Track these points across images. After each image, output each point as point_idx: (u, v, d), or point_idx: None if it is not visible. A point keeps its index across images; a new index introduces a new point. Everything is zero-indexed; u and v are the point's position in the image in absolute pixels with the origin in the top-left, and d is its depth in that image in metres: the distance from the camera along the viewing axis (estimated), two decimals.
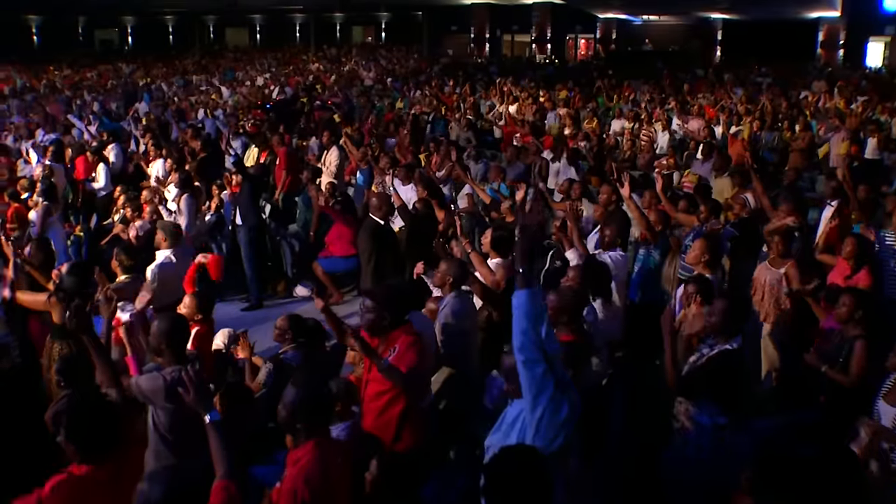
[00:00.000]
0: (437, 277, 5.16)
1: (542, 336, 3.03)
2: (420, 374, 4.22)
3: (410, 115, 16.62)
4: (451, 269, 5.02)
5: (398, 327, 4.18)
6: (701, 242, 6.18)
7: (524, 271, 3.06)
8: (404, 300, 4.27)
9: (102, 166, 11.13)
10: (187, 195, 8.88)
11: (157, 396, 3.94)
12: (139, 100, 22.02)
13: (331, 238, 9.20)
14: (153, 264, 6.41)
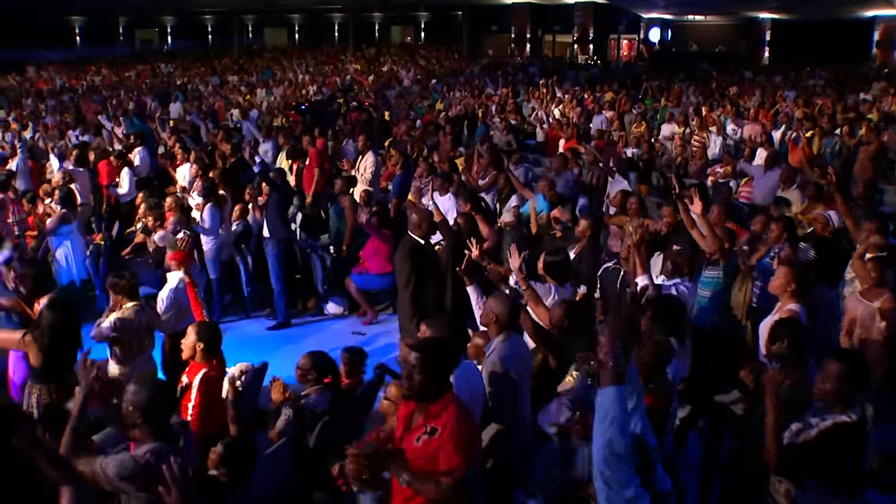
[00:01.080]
0: (483, 315, 4.41)
1: (636, 432, 2.30)
2: (474, 459, 3.43)
3: (450, 117, 15.94)
4: (500, 308, 4.27)
5: (442, 395, 3.36)
6: (787, 270, 5.37)
7: (613, 366, 2.32)
8: (452, 359, 3.46)
9: (126, 171, 10.60)
10: (210, 205, 8.27)
11: (127, 485, 3.17)
12: (173, 100, 21.65)
13: (366, 253, 8.53)
14: (166, 288, 5.77)
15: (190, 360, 4.63)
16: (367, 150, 10.59)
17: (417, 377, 3.29)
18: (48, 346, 4.83)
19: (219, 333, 4.80)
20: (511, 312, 4.28)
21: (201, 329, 4.61)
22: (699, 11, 39.54)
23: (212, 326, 4.82)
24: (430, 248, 6.27)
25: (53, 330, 4.85)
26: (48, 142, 15.06)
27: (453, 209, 8.52)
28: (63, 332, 4.90)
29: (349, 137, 13.61)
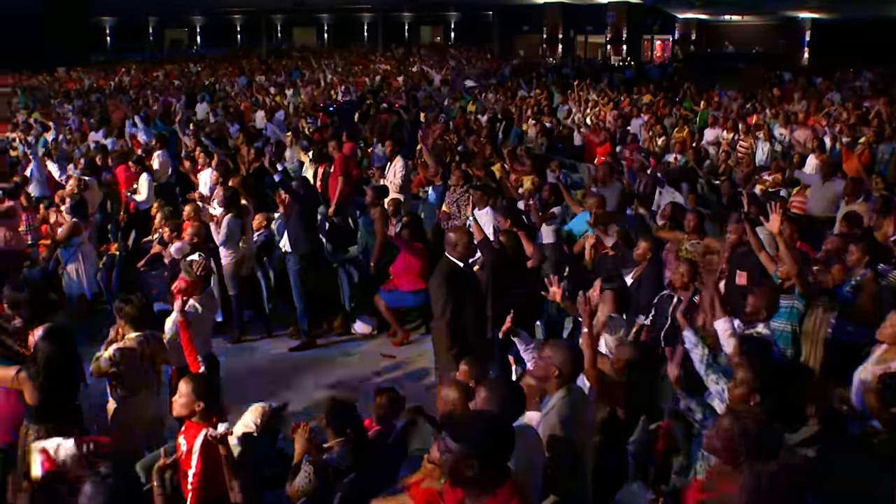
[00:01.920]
0: (538, 367, 3.71)
1: None
2: None
3: (486, 120, 15.29)
4: (562, 359, 3.59)
5: (500, 486, 2.65)
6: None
7: None
8: (509, 442, 2.75)
9: (145, 177, 10.06)
10: (230, 216, 7.70)
11: None
12: (199, 100, 21.21)
13: (396, 269, 7.91)
14: (174, 314, 5.16)
15: (185, 420, 4.00)
16: (395, 156, 9.96)
17: (467, 471, 2.63)
18: (45, 384, 4.30)
19: (218, 390, 4.19)
20: (575, 363, 3.60)
21: (199, 385, 3.92)
22: (736, 11, 38.53)
23: (210, 381, 4.15)
24: (470, 270, 5.61)
25: (50, 365, 4.32)
26: (70, 144, 14.69)
27: (490, 223, 7.88)
28: (61, 366, 4.37)
29: (378, 141, 13.00)
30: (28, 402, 4.33)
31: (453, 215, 8.69)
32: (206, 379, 4.22)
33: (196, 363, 4.83)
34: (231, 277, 7.82)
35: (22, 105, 20.91)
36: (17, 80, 28.30)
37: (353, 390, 6.97)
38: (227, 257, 7.77)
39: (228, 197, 7.75)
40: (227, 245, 7.72)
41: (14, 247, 8.64)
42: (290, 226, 7.65)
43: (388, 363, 7.67)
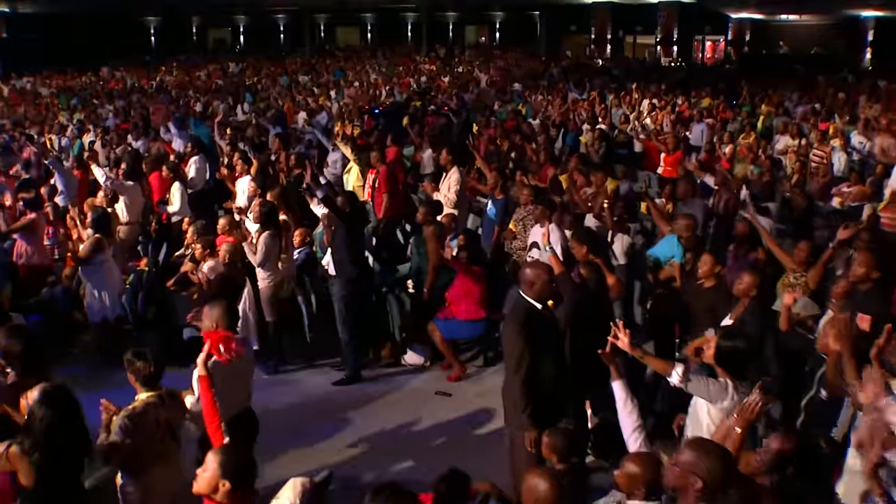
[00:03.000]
0: (673, 474, 2.80)
1: None
2: None
3: (539, 124, 14.36)
4: (707, 467, 2.61)
5: None
6: None
7: None
8: None
9: (178, 186, 9.35)
10: (267, 234, 6.91)
11: None
12: (241, 100, 20.60)
13: (453, 296, 7.06)
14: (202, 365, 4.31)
15: (205, 499, 3.22)
16: (451, 166, 9.08)
17: None
18: (42, 461, 3.53)
19: (251, 465, 3.35)
20: (726, 474, 2.66)
21: (227, 460, 3.16)
22: (794, 10, 36.93)
23: (241, 456, 3.31)
24: (550, 314, 4.72)
25: (49, 437, 3.54)
26: (106, 147, 14.10)
27: (558, 244, 6.99)
28: (61, 438, 3.60)
29: (428, 146, 12.15)
30: (22, 484, 3.56)
31: (518, 235, 7.81)
32: (237, 453, 3.40)
33: (219, 434, 3.97)
34: (268, 302, 7.04)
35: (63, 106, 20.43)
36: (63, 80, 28.07)
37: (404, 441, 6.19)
38: (264, 279, 6.99)
39: (266, 213, 6.96)
40: (264, 266, 6.94)
41: (36, 263, 8.01)
42: (334, 248, 6.83)
43: (442, 402, 6.81)
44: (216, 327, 4.47)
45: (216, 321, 4.49)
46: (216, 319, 4.49)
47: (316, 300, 7.44)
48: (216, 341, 4.31)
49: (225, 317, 4.49)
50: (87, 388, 6.98)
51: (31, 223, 7.87)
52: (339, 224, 6.79)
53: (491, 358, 7.55)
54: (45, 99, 22.79)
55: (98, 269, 7.16)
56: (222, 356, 4.25)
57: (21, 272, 7.96)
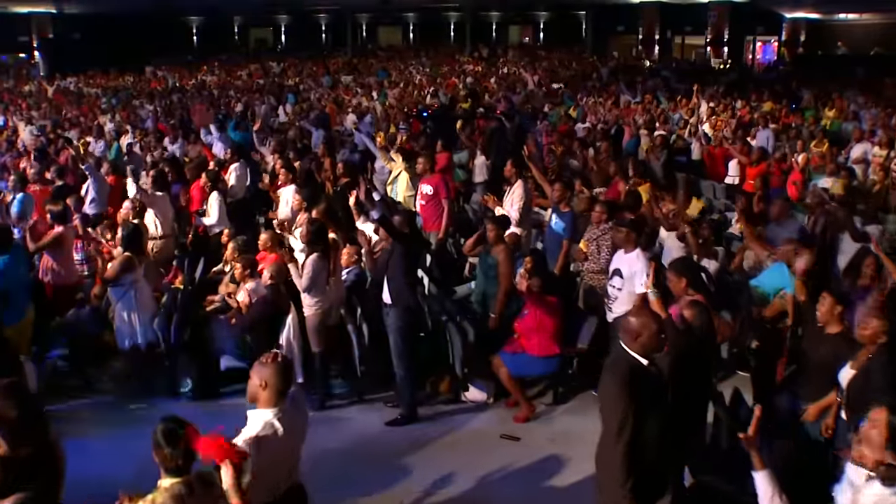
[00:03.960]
0: None
1: None
2: None
3: (598, 129, 13.50)
4: None
5: None
6: None
7: None
8: None
9: (215, 196, 8.67)
10: (315, 256, 6.17)
11: None
12: (283, 101, 20.01)
13: (524, 328, 6.26)
14: (246, 433, 3.49)
15: None
16: (516, 178, 8.27)
17: None
18: None
19: None
20: None
21: None
22: (855, 9, 35.35)
23: None
24: (657, 372, 3.91)
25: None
26: (144, 150, 13.55)
27: (641, 273, 6.17)
28: None
29: (482, 152, 11.38)
30: None
31: (591, 256, 6.99)
32: None
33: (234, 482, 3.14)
34: (315, 331, 6.31)
35: (107, 107, 20.00)
36: (106, 80, 27.84)
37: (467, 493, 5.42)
38: (311, 307, 6.26)
39: (314, 232, 6.22)
40: (311, 291, 6.21)
41: (64, 281, 7.38)
42: (391, 273, 6.06)
43: (509, 448, 6.03)
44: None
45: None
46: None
47: (368, 329, 6.66)
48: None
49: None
50: (111, 425, 6.46)
51: (58, 238, 7.23)
52: (397, 247, 6.03)
53: (562, 394, 6.76)
54: (87, 99, 22.47)
55: (128, 291, 6.49)
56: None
57: (48, 291, 7.34)
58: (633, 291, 6.25)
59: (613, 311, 6.46)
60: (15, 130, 15.81)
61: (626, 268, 6.31)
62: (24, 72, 32.31)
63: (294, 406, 3.62)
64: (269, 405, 3.48)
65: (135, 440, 5.85)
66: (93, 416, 6.57)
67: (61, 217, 7.31)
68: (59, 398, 6.70)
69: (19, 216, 8.79)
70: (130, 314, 6.52)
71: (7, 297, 6.11)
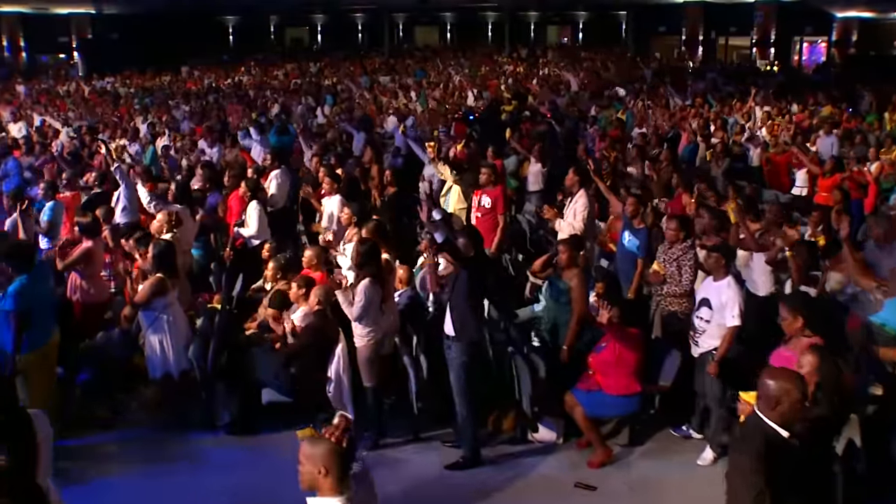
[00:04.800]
0: None
1: None
2: None
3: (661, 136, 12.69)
4: None
5: None
6: None
7: None
8: None
9: (255, 206, 8.02)
10: (368, 282, 5.50)
11: None
12: (321, 102, 19.43)
13: (600, 363, 5.57)
14: None
15: None
16: (578, 188, 7.55)
17: None
18: None
19: None
20: None
21: None
22: None
23: None
24: (797, 445, 3.18)
25: None
26: (180, 153, 13.04)
27: (734, 303, 5.46)
28: None
29: (537, 159, 10.64)
30: None
31: (670, 279, 6.26)
32: None
33: None
34: (367, 364, 5.66)
35: (140, 107, 19.51)
36: (142, 80, 27.51)
37: None
38: (363, 337, 5.61)
39: (365, 254, 5.54)
40: (364, 321, 5.55)
41: (93, 299, 6.81)
42: (454, 302, 5.38)
43: (586, 498, 5.33)
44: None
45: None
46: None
47: (427, 361, 5.96)
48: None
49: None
50: (140, 462, 5.83)
51: (87, 254, 6.66)
52: (462, 273, 5.35)
53: (637, 432, 6.04)
54: (124, 99, 22.09)
55: (160, 315, 5.88)
56: None
57: (76, 310, 6.78)
58: (723, 324, 5.63)
59: (700, 346, 5.81)
60: (52, 133, 15.32)
61: (716, 297, 5.63)
62: (63, 72, 32.21)
63: (363, 488, 2.96)
64: (334, 493, 2.82)
65: (166, 479, 5.31)
66: (121, 452, 6.03)
67: (90, 230, 6.74)
68: (84, 429, 6.16)
69: (50, 225, 8.27)
70: (162, 341, 5.91)
71: (29, 319, 5.54)
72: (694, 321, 5.82)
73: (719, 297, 5.58)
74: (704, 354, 5.77)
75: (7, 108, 19.54)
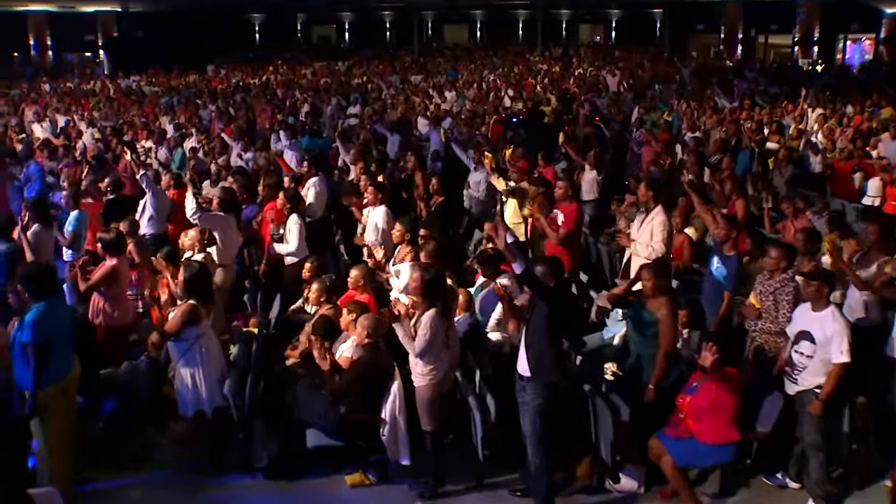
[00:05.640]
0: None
1: None
2: None
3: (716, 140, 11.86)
4: None
5: None
6: None
7: None
8: None
9: (294, 220, 7.28)
10: (433, 314, 4.78)
11: None
12: (352, 102, 18.73)
13: (694, 407, 4.84)
14: None
15: None
16: (654, 204, 6.71)
17: None
18: None
19: None
20: None
21: None
22: None
23: None
24: None
25: None
26: (209, 156, 12.41)
27: (841, 337, 4.74)
28: None
29: (592, 167, 9.86)
30: None
31: (766, 314, 5.50)
32: None
33: None
34: (428, 405, 4.94)
35: (167, 108, 18.86)
36: (168, 79, 26.96)
37: None
38: (424, 376, 4.90)
39: (431, 282, 4.80)
40: (426, 357, 4.85)
41: (117, 323, 6.17)
42: (531, 339, 4.65)
43: None
44: None
45: None
46: None
47: (495, 403, 5.20)
48: None
49: None
50: None
51: (110, 273, 6.00)
52: (540, 306, 4.62)
53: (728, 480, 5.30)
54: (149, 98, 21.54)
55: (192, 346, 5.21)
56: None
57: (99, 335, 6.14)
58: (827, 360, 4.96)
59: (798, 383, 5.14)
60: (76, 133, 14.74)
61: (819, 330, 4.98)
62: (89, 70, 31.87)
63: None
64: None
65: None
66: (148, 497, 5.36)
67: (114, 247, 6.07)
68: (107, 469, 5.52)
69: (74, 236, 7.64)
70: (195, 375, 5.23)
71: (47, 351, 4.91)
72: (792, 356, 5.14)
73: (823, 329, 4.94)
74: (804, 393, 5.09)
75: (32, 107, 19.06)
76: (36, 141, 13.42)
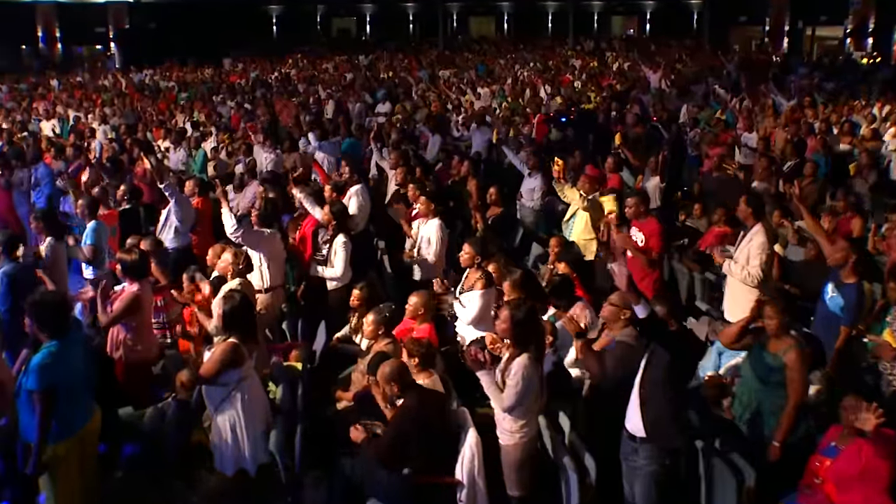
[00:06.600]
0: None
1: None
2: None
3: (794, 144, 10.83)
4: None
5: None
6: None
7: None
8: None
9: (343, 242, 6.26)
10: (526, 360, 3.88)
11: None
12: (380, 99, 17.78)
13: (836, 473, 3.88)
14: None
15: None
16: (752, 221, 5.72)
17: None
18: None
19: None
20: None
21: None
22: None
23: None
24: None
25: None
26: (231, 157, 11.53)
27: None
28: None
29: (658, 173, 8.88)
30: None
31: None
32: None
33: None
34: (517, 467, 4.04)
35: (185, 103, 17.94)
36: (183, 73, 26.02)
37: None
38: (514, 433, 4.00)
39: (523, 322, 3.91)
40: (516, 411, 3.96)
41: (140, 356, 5.30)
42: (648, 393, 3.73)
43: None
44: None
45: None
46: None
47: (594, 462, 4.29)
48: None
49: None
50: None
51: (133, 302, 5.14)
52: (660, 353, 3.72)
53: None
54: (164, 94, 20.68)
55: (232, 392, 4.34)
56: None
57: (118, 371, 5.29)
58: None
59: None
60: (88, 132, 13.80)
61: None
62: (99, 64, 31.00)
63: None
64: None
65: None
66: None
67: (136, 270, 5.20)
68: None
69: (94, 250, 6.76)
70: (235, 426, 4.35)
71: (55, 399, 4.08)
72: None
73: None
74: None
75: (41, 102, 18.20)
76: (44, 140, 12.53)
